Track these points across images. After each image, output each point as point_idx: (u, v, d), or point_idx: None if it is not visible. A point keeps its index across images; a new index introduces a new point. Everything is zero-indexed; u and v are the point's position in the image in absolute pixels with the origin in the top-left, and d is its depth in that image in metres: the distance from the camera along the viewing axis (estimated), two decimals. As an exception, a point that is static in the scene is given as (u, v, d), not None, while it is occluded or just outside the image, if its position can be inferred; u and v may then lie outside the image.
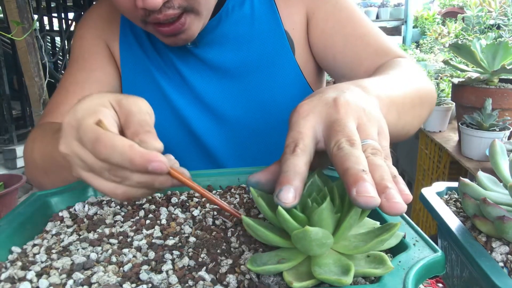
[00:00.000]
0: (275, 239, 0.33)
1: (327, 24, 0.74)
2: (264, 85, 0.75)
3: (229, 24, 0.74)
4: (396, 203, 0.29)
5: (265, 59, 0.75)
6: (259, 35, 0.74)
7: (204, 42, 0.73)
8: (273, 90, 0.75)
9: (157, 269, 0.34)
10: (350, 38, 0.72)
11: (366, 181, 0.29)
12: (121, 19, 0.77)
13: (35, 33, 2.20)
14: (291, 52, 0.75)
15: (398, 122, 0.49)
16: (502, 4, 1.72)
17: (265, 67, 0.75)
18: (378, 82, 0.49)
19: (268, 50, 0.75)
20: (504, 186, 0.44)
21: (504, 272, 0.33)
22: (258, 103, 0.75)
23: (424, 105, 0.60)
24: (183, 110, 0.75)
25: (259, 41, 0.74)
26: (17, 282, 0.33)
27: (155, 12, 0.56)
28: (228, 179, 0.54)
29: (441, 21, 3.59)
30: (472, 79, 1.36)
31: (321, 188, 0.37)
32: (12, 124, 2.54)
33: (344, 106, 0.36)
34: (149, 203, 0.48)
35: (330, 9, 0.74)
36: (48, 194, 0.48)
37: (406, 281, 0.29)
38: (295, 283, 0.29)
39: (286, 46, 0.75)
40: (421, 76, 0.63)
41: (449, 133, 1.66)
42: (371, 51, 0.70)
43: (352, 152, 0.31)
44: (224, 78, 0.75)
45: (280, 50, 0.75)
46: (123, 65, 0.77)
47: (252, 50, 0.74)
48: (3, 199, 1.20)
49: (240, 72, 0.75)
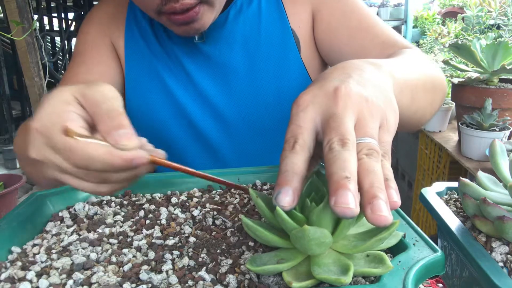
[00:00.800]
0: (274, 239, 0.33)
1: (332, 18, 0.74)
2: (270, 84, 0.75)
3: (237, 21, 0.74)
4: (380, 216, 0.28)
5: (271, 58, 0.75)
6: (266, 34, 0.75)
7: (212, 38, 0.74)
8: (279, 89, 0.76)
9: (157, 269, 0.34)
10: (356, 31, 0.72)
11: (347, 189, 0.28)
12: (127, 16, 0.77)
13: (35, 33, 2.20)
14: (297, 51, 0.75)
15: (412, 105, 0.48)
16: (502, 4, 1.72)
17: (271, 66, 0.75)
18: (392, 62, 0.47)
19: (275, 49, 0.75)
20: (504, 186, 0.44)
21: (504, 272, 0.33)
22: (263, 102, 0.76)
23: (437, 91, 0.59)
24: (187, 106, 0.75)
25: (266, 39, 0.75)
26: (17, 282, 0.33)
27: (172, 1, 0.58)
28: (228, 179, 0.54)
29: (441, 21, 3.58)
30: (472, 79, 1.36)
31: (319, 188, 0.37)
32: (12, 124, 2.53)
33: (344, 98, 0.34)
34: (149, 203, 0.48)
35: (335, 3, 0.75)
36: (48, 194, 0.48)
37: (406, 281, 0.29)
38: (294, 283, 0.29)
39: (293, 45, 0.75)
40: (432, 65, 0.62)
41: (449, 133, 1.66)
42: (377, 42, 0.70)
43: (340, 155, 0.30)
44: (230, 76, 0.75)
45: (286, 49, 0.75)
46: (127, 62, 0.77)
47: (259, 49, 0.75)
48: (3, 199, 1.20)
49: (246, 71, 0.75)
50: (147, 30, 0.76)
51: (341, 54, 0.74)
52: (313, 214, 0.32)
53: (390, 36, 0.70)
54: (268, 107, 0.76)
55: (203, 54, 0.74)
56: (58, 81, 2.69)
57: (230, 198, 0.49)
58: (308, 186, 0.38)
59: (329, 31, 0.74)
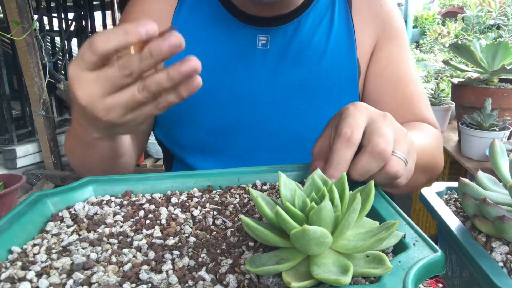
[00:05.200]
0: (274, 239, 0.33)
1: (386, 69, 0.75)
2: (323, 104, 0.74)
3: (305, 34, 0.73)
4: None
5: (330, 80, 0.74)
6: (332, 56, 0.74)
7: (275, 46, 0.72)
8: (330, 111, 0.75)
9: (157, 269, 0.34)
10: (399, 95, 0.75)
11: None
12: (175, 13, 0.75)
13: (35, 33, 2.20)
14: (357, 81, 0.75)
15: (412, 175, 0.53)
16: (502, 4, 1.72)
17: (330, 89, 0.74)
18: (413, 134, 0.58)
19: (337, 73, 0.74)
20: (504, 186, 0.44)
21: (504, 272, 0.33)
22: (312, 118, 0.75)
23: (425, 174, 0.66)
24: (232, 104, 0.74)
25: (330, 61, 0.74)
26: (17, 282, 0.33)
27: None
28: (228, 179, 0.54)
29: (441, 21, 3.58)
30: (472, 79, 1.36)
31: (320, 188, 0.37)
32: (12, 124, 2.53)
33: (391, 120, 0.45)
34: (149, 203, 0.48)
35: (395, 54, 0.76)
36: (48, 194, 0.48)
37: (406, 281, 0.29)
38: (293, 283, 0.29)
39: (355, 74, 0.75)
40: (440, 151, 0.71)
41: (449, 133, 1.65)
42: (411, 113, 0.74)
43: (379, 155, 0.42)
44: (286, 91, 0.74)
45: (348, 77, 0.75)
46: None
47: (321, 67, 0.74)
48: (3, 199, 1.20)
49: (303, 89, 0.74)
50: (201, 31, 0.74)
51: (375, 103, 0.74)
52: (313, 214, 0.32)
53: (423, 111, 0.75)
54: (314, 123, 0.75)
55: (262, 62, 0.73)
56: (58, 81, 2.70)
57: (230, 198, 0.49)
58: (309, 186, 0.38)
59: (378, 80, 0.76)
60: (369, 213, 0.37)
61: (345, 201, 0.34)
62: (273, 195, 0.49)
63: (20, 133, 2.69)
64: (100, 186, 0.51)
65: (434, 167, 0.69)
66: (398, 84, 0.75)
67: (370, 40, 0.75)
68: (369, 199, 0.35)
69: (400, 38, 0.78)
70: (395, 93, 0.75)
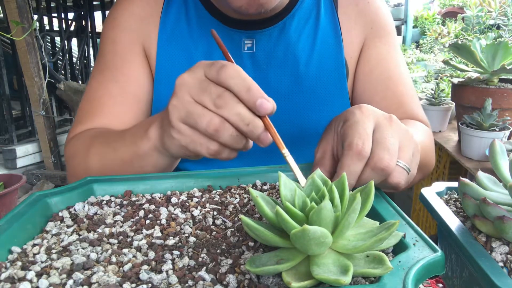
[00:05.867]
0: (274, 239, 0.33)
1: (375, 69, 0.75)
2: (312, 106, 0.74)
3: (291, 35, 0.72)
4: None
5: (319, 82, 0.74)
6: (319, 57, 0.73)
7: (261, 50, 0.72)
8: (320, 113, 0.75)
9: (157, 269, 0.34)
10: (389, 94, 0.74)
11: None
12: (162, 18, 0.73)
13: (35, 33, 2.20)
14: (345, 81, 0.75)
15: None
16: (502, 4, 1.72)
17: (318, 90, 0.74)
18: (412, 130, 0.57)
19: (325, 74, 0.74)
20: (504, 186, 0.44)
21: (504, 272, 0.33)
22: (301, 120, 0.74)
23: (421, 172, 0.67)
24: None
25: (318, 62, 0.73)
26: (17, 282, 0.33)
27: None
28: (228, 179, 0.54)
29: (441, 21, 3.58)
30: (472, 79, 1.36)
31: (320, 188, 0.37)
32: (12, 124, 2.53)
33: (397, 125, 0.44)
34: (149, 203, 0.48)
35: (384, 52, 0.75)
36: (48, 194, 0.48)
37: (406, 281, 0.29)
38: (293, 283, 0.29)
39: (343, 74, 0.74)
40: (432, 149, 0.72)
41: (449, 133, 1.65)
42: (401, 111, 0.74)
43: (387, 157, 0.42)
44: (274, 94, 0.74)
45: (336, 77, 0.74)
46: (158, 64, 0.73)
47: (309, 69, 0.73)
48: (3, 199, 1.20)
49: (291, 91, 0.73)
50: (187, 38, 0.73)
51: (365, 101, 0.74)
52: (313, 214, 0.32)
53: (415, 109, 0.75)
54: (305, 125, 0.74)
55: (248, 65, 0.72)
56: (58, 81, 2.70)
57: (230, 198, 0.49)
58: (309, 186, 0.38)
59: (368, 80, 0.75)
60: (369, 213, 0.37)
61: (345, 201, 0.34)
62: (273, 195, 0.49)
63: (20, 133, 2.69)
64: (100, 186, 0.51)
65: (429, 164, 0.69)
66: (388, 83, 0.74)
67: (358, 39, 0.75)
68: (369, 199, 0.35)
69: (389, 36, 0.77)
70: (385, 92, 0.74)
